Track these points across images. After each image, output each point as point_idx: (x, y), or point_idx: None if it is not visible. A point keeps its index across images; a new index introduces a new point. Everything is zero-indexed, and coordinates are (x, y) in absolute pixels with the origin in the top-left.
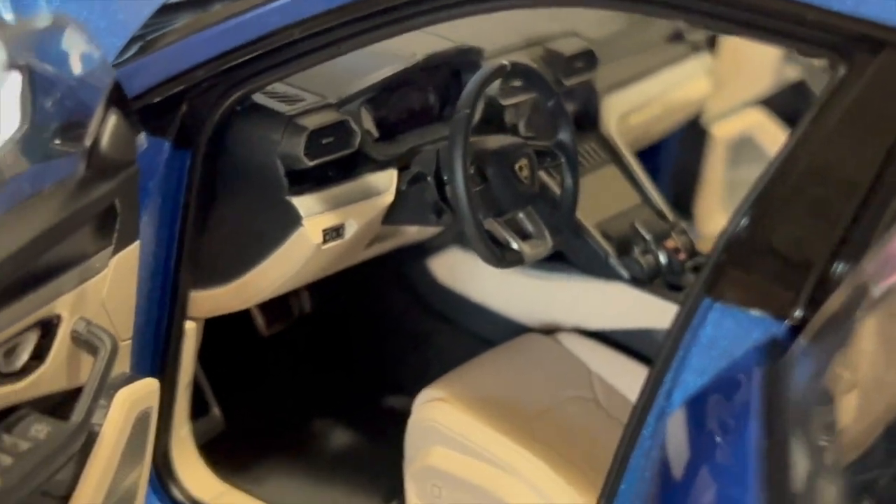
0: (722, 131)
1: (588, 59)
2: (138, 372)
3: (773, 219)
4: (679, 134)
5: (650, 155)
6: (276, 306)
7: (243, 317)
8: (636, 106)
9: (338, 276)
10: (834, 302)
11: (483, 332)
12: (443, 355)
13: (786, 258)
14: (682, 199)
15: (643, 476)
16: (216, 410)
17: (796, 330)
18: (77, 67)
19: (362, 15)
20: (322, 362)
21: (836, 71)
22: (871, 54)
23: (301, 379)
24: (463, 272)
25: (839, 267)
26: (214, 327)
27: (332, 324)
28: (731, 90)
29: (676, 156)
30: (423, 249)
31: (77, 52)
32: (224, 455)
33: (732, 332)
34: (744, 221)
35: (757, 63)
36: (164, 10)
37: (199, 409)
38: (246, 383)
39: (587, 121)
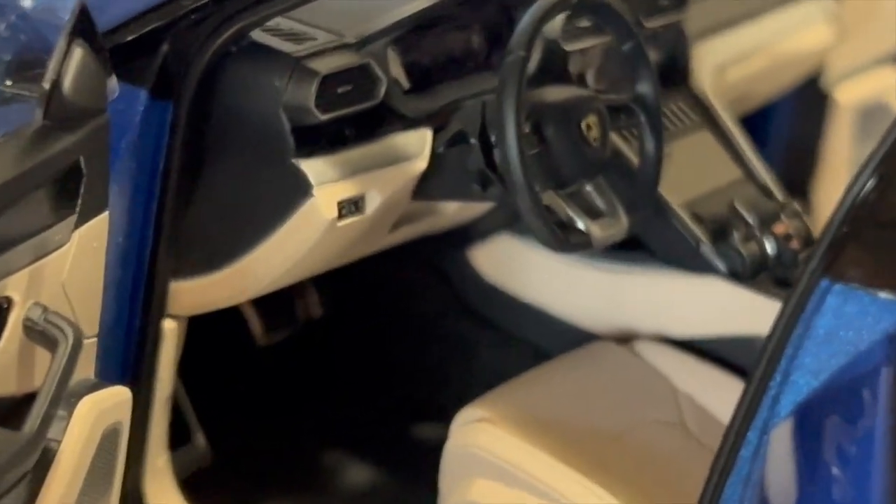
0: (847, 95)
1: None
2: (105, 379)
3: None
4: (793, 97)
5: (756, 121)
6: (276, 308)
7: (236, 321)
8: (736, 57)
9: (356, 272)
10: None
11: (540, 340)
12: (489, 370)
13: None
14: (797, 176)
15: None
16: (201, 438)
17: None
18: None
19: None
20: (335, 379)
21: None
22: None
23: (308, 400)
24: (514, 266)
25: None
26: (200, 333)
27: (348, 331)
28: (859, 43)
29: (790, 124)
30: (464, 236)
31: None
32: (210, 494)
33: (856, 320)
34: (868, 185)
35: (891, 9)
36: None
37: (180, 435)
38: (238, 405)
39: (675, 74)
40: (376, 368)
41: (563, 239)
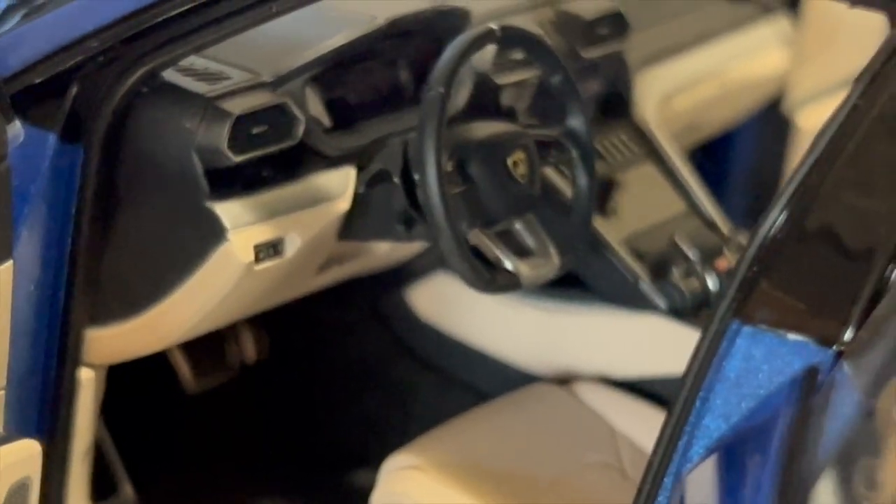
0: (809, 120)
1: (616, 23)
2: (21, 431)
3: (816, 218)
4: (755, 122)
5: (718, 148)
6: (207, 353)
7: (163, 366)
8: (683, 85)
9: (294, 314)
10: (887, 318)
11: (480, 381)
12: (429, 413)
13: (832, 267)
14: (761, 204)
15: None
16: (128, 488)
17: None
18: None
19: None
20: (269, 426)
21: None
22: None
23: (240, 448)
24: (452, 306)
25: None
26: (125, 379)
27: (284, 376)
28: (820, 66)
29: (752, 150)
30: (401, 276)
31: None
32: None
33: (765, 362)
34: (778, 223)
35: (854, 30)
36: None
37: (104, 486)
38: (167, 454)
39: (617, 105)
40: (312, 414)
41: (489, 280)
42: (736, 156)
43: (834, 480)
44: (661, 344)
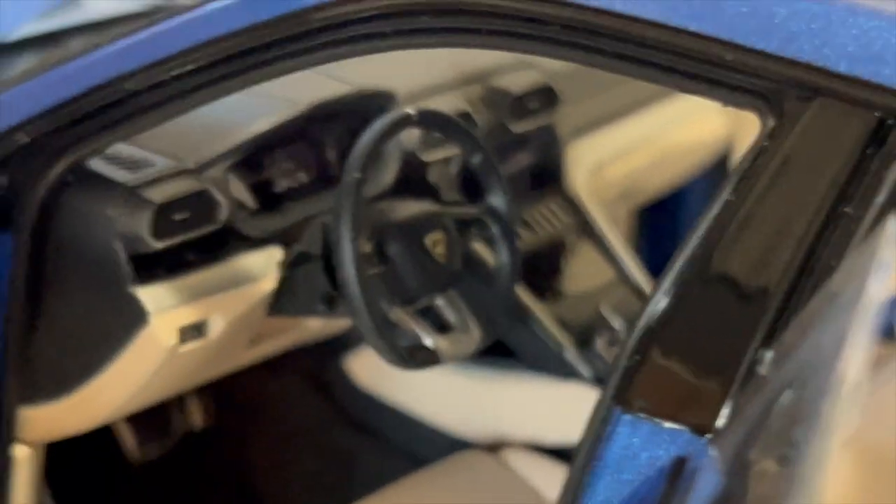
0: None
1: (545, 97)
2: None
3: (691, 310)
4: (708, 176)
5: (665, 206)
6: (151, 422)
7: (109, 437)
8: (615, 153)
9: (235, 382)
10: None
11: (415, 447)
12: (367, 479)
13: (708, 356)
14: None
15: None
16: None
17: None
18: None
19: (211, 61)
20: (210, 494)
21: (765, 123)
22: (802, 102)
23: None
24: (387, 374)
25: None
26: (69, 451)
27: (229, 443)
28: None
29: (701, 207)
30: (339, 345)
31: None
32: None
33: (643, 450)
34: (658, 311)
35: None
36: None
37: None
38: None
39: (547, 176)
40: (255, 478)
41: (408, 357)
42: (687, 211)
43: None
44: (587, 411)
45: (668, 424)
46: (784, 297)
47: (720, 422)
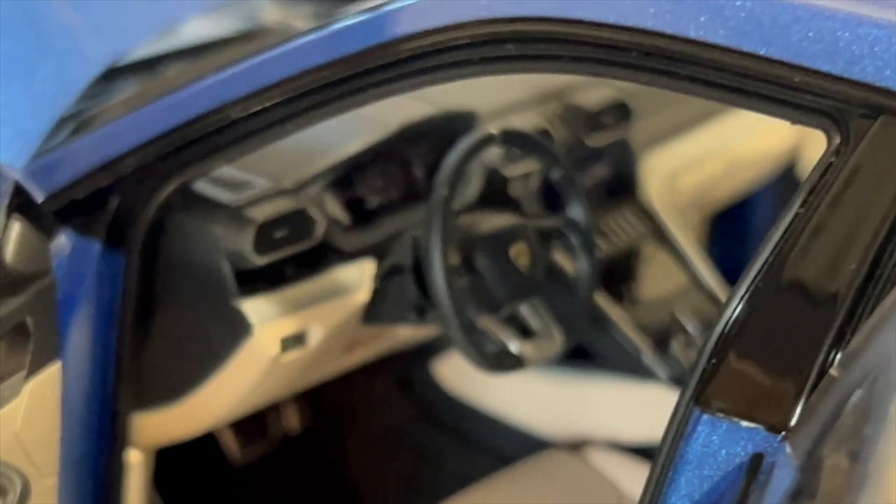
0: None
1: (619, 112)
2: None
3: (766, 315)
4: (776, 184)
5: (735, 213)
6: (251, 427)
7: (210, 441)
8: (688, 163)
9: (330, 387)
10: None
11: (501, 448)
12: (454, 479)
13: (783, 357)
14: None
15: None
16: None
17: None
18: None
19: (308, 90)
20: (312, 494)
21: (831, 141)
22: (866, 121)
23: None
24: (472, 378)
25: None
26: (177, 456)
27: (324, 445)
28: None
29: (773, 212)
30: (427, 351)
31: None
32: None
33: (723, 447)
34: (733, 319)
35: None
36: (108, 78)
37: None
38: None
39: (622, 187)
40: (348, 482)
41: (495, 363)
42: (757, 218)
43: None
44: (664, 411)
45: (745, 423)
46: (853, 302)
47: (794, 420)
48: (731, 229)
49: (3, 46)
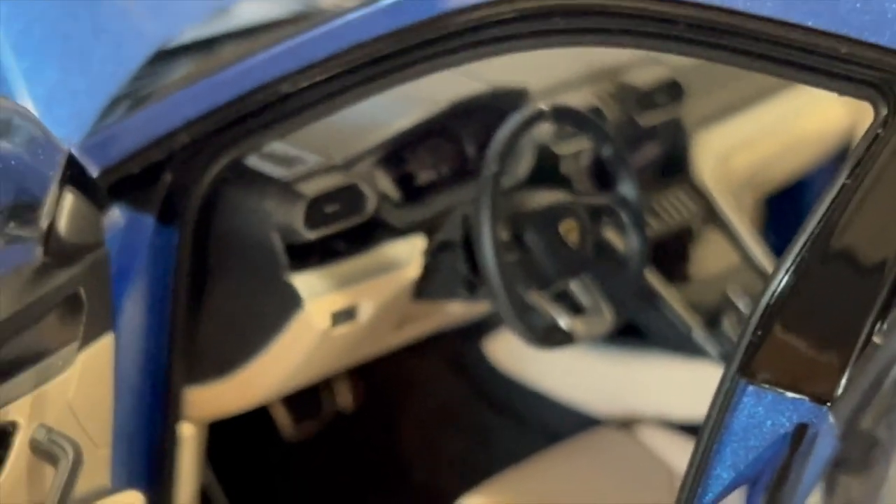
0: None
1: (671, 91)
2: (128, 485)
3: (811, 283)
4: (832, 165)
5: (791, 193)
6: (305, 403)
7: (264, 417)
8: (741, 143)
9: (381, 365)
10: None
11: (552, 426)
12: (504, 455)
13: (827, 329)
14: None
15: None
16: None
17: None
18: (20, 145)
19: (358, 65)
20: (364, 470)
21: (878, 112)
22: None
23: (334, 493)
24: (522, 355)
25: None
26: (230, 431)
27: (376, 422)
28: None
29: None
30: (478, 329)
31: (22, 132)
32: None
33: (766, 418)
34: (779, 291)
35: None
36: (161, 59)
37: None
38: (272, 499)
39: (674, 166)
40: (400, 458)
41: (544, 338)
42: (813, 199)
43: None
44: (714, 388)
45: (790, 394)
46: None
47: (839, 391)
48: (787, 211)
49: (61, 27)
